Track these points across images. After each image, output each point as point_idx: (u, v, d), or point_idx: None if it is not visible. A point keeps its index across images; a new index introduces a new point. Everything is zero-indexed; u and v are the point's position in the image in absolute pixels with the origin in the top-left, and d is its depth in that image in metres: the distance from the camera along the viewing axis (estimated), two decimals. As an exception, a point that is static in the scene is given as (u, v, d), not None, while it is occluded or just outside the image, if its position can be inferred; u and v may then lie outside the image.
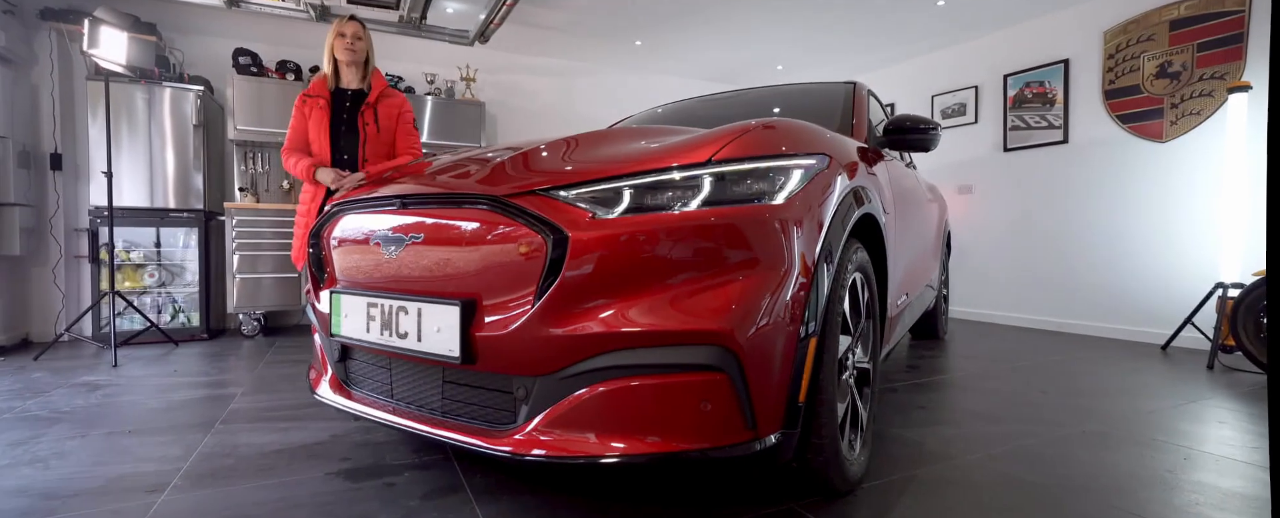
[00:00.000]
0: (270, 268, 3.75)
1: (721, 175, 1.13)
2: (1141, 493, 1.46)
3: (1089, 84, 4.09)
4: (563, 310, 1.07)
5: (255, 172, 4.11)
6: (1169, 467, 1.63)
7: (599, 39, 4.61)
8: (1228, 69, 3.47)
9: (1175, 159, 3.67)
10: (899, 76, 5.39)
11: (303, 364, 2.93)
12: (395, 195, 1.33)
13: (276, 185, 4.17)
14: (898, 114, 2.00)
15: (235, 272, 3.67)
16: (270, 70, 4.04)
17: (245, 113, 3.83)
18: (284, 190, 4.19)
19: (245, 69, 3.90)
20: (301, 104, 2.33)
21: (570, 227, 1.07)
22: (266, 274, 3.74)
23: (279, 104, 3.90)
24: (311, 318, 1.69)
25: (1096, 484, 1.51)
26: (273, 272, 3.75)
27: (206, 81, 3.85)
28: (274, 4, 3.35)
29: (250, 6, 3.38)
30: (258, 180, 4.13)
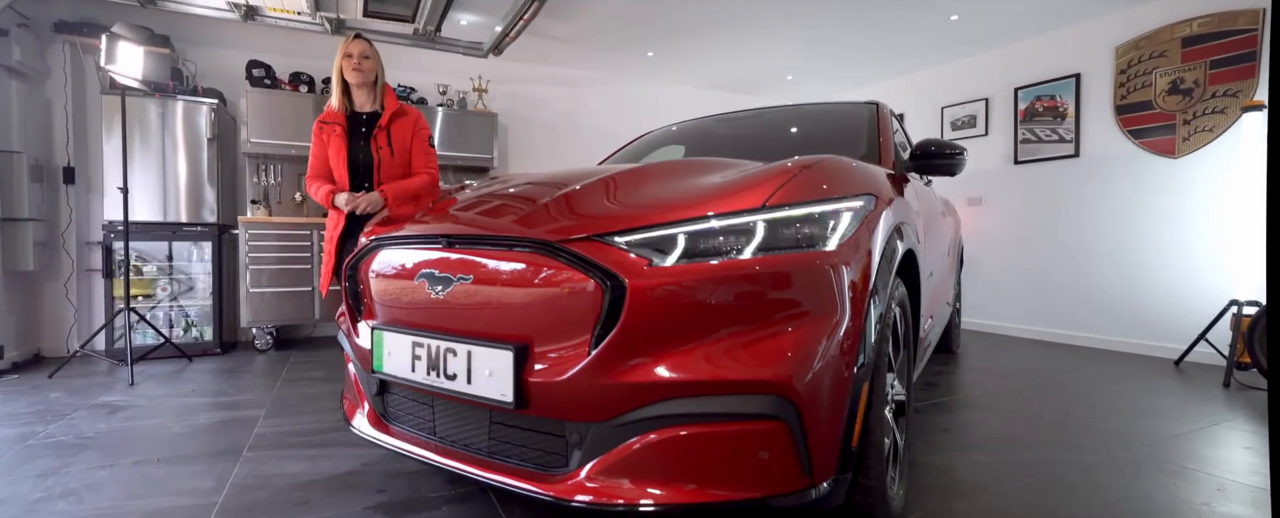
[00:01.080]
0: (283, 282, 3.74)
1: (775, 221, 1.13)
2: (1181, 529, 1.46)
3: (1100, 99, 4.11)
4: (621, 358, 1.07)
5: (268, 184, 4.10)
6: (1204, 499, 1.64)
7: (612, 50, 4.62)
8: (1241, 87, 3.49)
9: (1187, 175, 3.69)
10: (909, 87, 5.41)
11: (321, 383, 2.92)
12: (441, 234, 1.33)
13: (289, 198, 4.16)
14: (924, 139, 2.00)
15: (248, 286, 3.66)
16: (284, 82, 4.03)
17: (258, 125, 3.82)
18: (297, 203, 4.17)
19: (259, 81, 3.89)
20: (319, 131, 2.32)
21: (628, 274, 1.07)
22: (279, 288, 3.72)
23: (292, 116, 3.89)
24: (346, 347, 1.68)
25: (1135, 519, 1.51)
26: (285, 285, 3.74)
27: (220, 94, 3.84)
28: (289, 16, 3.34)
29: (265, 19, 3.37)
30: (270, 193, 4.12)
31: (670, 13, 3.88)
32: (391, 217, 1.71)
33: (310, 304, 3.81)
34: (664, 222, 1.13)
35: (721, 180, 1.29)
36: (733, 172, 1.38)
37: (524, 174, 1.90)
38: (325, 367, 3.32)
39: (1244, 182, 3.46)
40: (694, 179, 1.35)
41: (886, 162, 2.01)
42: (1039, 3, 3.81)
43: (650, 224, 1.13)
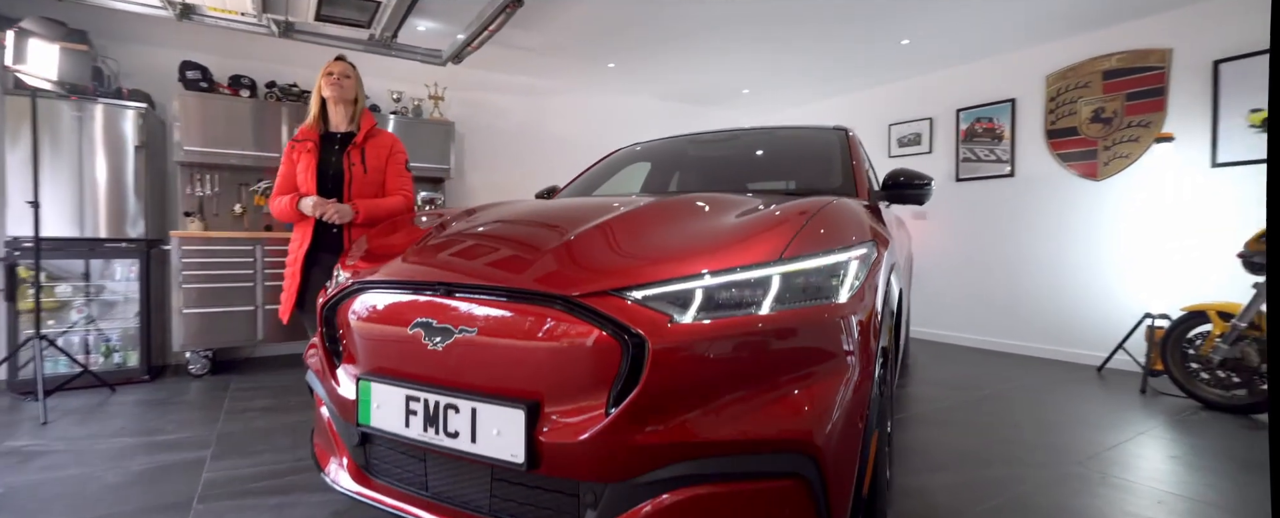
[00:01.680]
0: (221, 301, 3.46)
1: (790, 274, 1.14)
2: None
3: (1033, 123, 4.42)
4: (642, 418, 1.05)
5: (203, 195, 3.78)
6: (1150, 513, 1.79)
7: (573, 60, 4.56)
8: (1151, 118, 3.84)
9: (1107, 196, 4.03)
10: (859, 104, 5.63)
11: (272, 415, 2.73)
12: (441, 282, 1.26)
13: (227, 210, 3.86)
14: (895, 169, 2.08)
15: (181, 306, 3.36)
16: (222, 85, 3.73)
17: (193, 131, 3.52)
18: (236, 216, 3.88)
19: (194, 84, 3.58)
20: (290, 150, 2.20)
21: (650, 332, 1.05)
22: (217, 308, 3.45)
23: (232, 123, 3.62)
24: (320, 392, 1.57)
25: (1096, 538, 1.63)
26: (224, 305, 3.47)
27: (148, 97, 3.51)
28: (232, 17, 3.09)
29: (203, 19, 3.11)
30: (206, 205, 3.81)
31: (634, 26, 3.88)
32: (372, 251, 1.61)
33: (252, 324, 3.55)
34: (682, 275, 1.12)
35: (731, 226, 1.29)
36: (735, 214, 1.39)
37: (510, 206, 1.83)
38: (273, 393, 3.10)
39: (1154, 204, 3.82)
40: (700, 223, 1.34)
41: (862, 192, 2.07)
42: (980, 31, 4.05)
43: (669, 278, 1.11)
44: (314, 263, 2.12)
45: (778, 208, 1.38)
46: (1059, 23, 3.91)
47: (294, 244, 2.16)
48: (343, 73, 2.15)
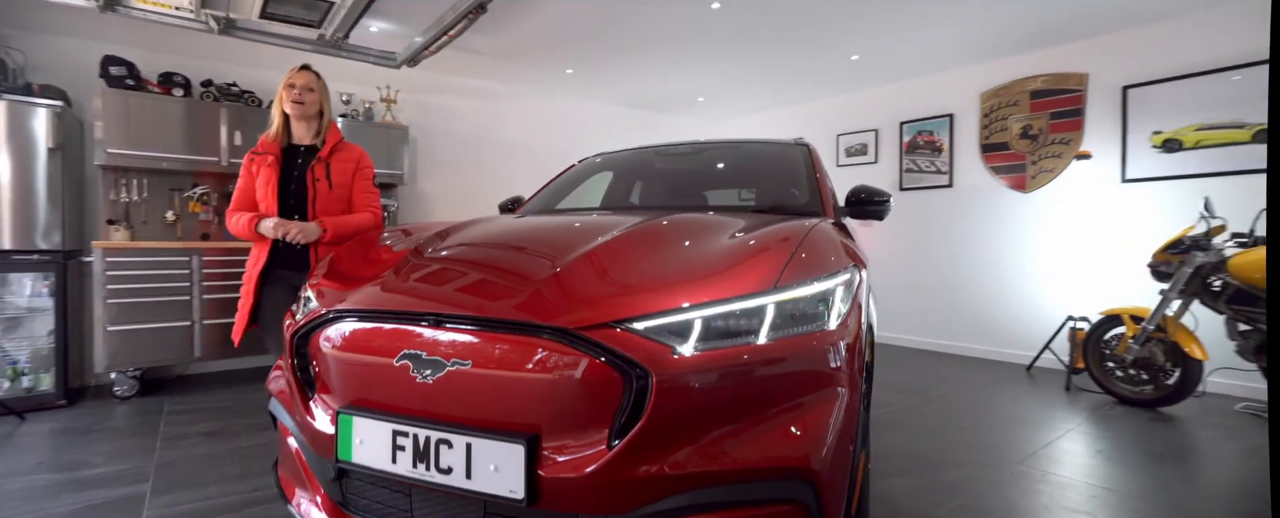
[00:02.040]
0: (152, 316, 3.20)
1: (785, 302, 1.17)
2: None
3: (969, 137, 4.72)
4: (645, 450, 1.06)
5: (129, 201, 3.48)
6: (1088, 508, 1.95)
7: (531, 65, 4.49)
8: (1071, 137, 4.18)
9: (1035, 207, 4.35)
10: (809, 114, 5.83)
11: (216, 440, 2.55)
12: (431, 313, 1.22)
13: (156, 217, 3.57)
14: (856, 186, 2.17)
15: (107, 322, 3.09)
16: (150, 83, 3.44)
17: (117, 132, 3.23)
18: (167, 223, 3.59)
19: (118, 81, 3.28)
20: (249, 163, 2.06)
21: (654, 365, 1.06)
22: (147, 324, 3.18)
23: (163, 123, 3.35)
24: (287, 422, 1.49)
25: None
26: (155, 321, 3.21)
27: (63, 94, 3.20)
28: (165, 11, 2.86)
29: (131, 11, 2.86)
30: (133, 212, 3.50)
31: (593, 33, 3.87)
32: (344, 274, 1.54)
33: (188, 340, 3.30)
34: (681, 306, 1.13)
35: (722, 254, 1.31)
36: (722, 239, 1.41)
37: (486, 226, 1.79)
38: (214, 415, 2.90)
39: (1074, 215, 4.16)
40: (690, 250, 1.36)
41: (828, 209, 2.15)
42: (923, 49, 4.28)
43: (668, 309, 1.12)
44: (272, 280, 2.00)
45: (762, 233, 1.42)
46: (993, 44, 4.19)
47: (250, 261, 2.03)
48: (305, 86, 2.03)
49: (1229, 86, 3.54)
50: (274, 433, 2.56)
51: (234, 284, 3.40)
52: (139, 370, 3.23)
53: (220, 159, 3.48)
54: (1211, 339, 3.09)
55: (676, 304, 1.13)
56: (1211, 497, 2.08)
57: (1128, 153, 3.92)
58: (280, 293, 2.01)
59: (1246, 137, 3.51)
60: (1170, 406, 3.16)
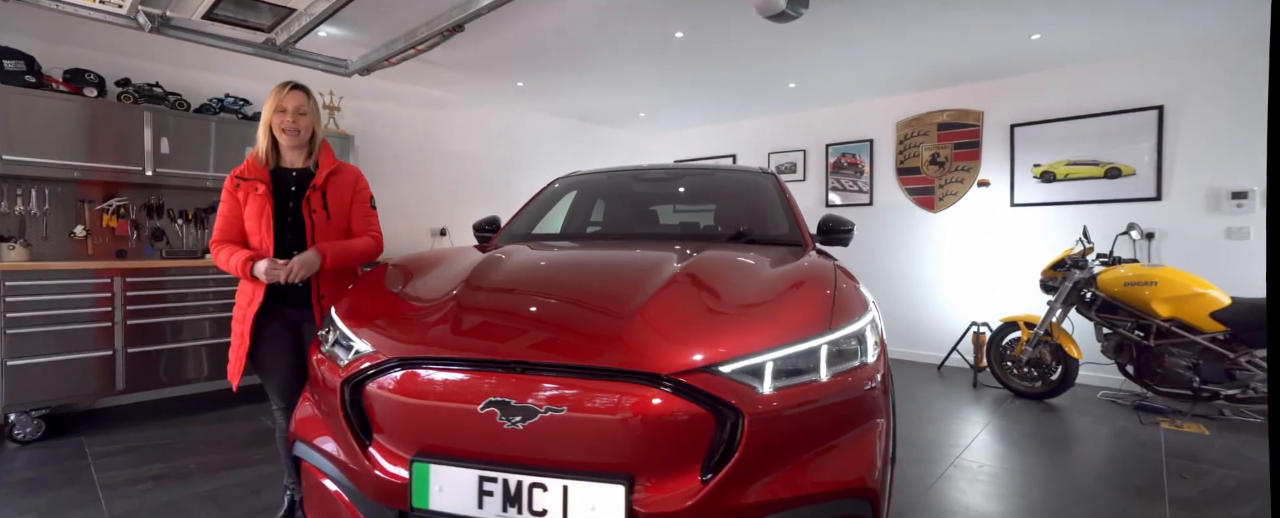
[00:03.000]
0: (62, 347, 2.81)
1: (837, 341, 1.35)
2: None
3: (887, 161, 5.27)
4: (736, 482, 1.19)
5: (27, 215, 3.02)
6: (1021, 492, 2.34)
7: (481, 75, 4.42)
8: (971, 165, 4.82)
9: (942, 226, 4.96)
10: (745, 131, 6.18)
11: (170, 485, 2.32)
12: (516, 361, 1.27)
13: (60, 233, 3.12)
14: (825, 215, 2.42)
15: (5, 356, 2.67)
16: (54, 80, 3.00)
17: (13, 136, 2.80)
18: (76, 240, 3.15)
19: (15, 77, 2.84)
20: (233, 188, 1.89)
21: (743, 404, 1.19)
22: (56, 356, 2.79)
23: (70, 127, 2.94)
24: (322, 465, 1.46)
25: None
26: (65, 352, 2.82)
27: (-58, 91, 2.72)
28: (89, 6, 2.53)
29: (39, 3, 2.50)
30: (31, 227, 3.04)
31: (555, 51, 3.90)
32: (386, 315, 1.52)
33: (106, 371, 2.93)
34: (759, 349, 1.27)
35: (777, 296, 1.45)
36: (763, 279, 1.56)
37: (528, 260, 1.82)
38: (154, 454, 2.62)
39: (975, 233, 4.79)
40: (745, 291, 1.49)
41: (807, 239, 2.35)
42: (850, 79, 4.71)
43: (749, 353, 1.26)
44: (268, 316, 1.88)
45: (795, 276, 1.59)
46: (909, 80, 4.72)
47: (244, 298, 1.89)
48: (298, 109, 1.89)
49: (1089, 130, 4.27)
50: (240, 472, 2.39)
51: (166, 308, 3.08)
52: (46, 409, 2.82)
53: (144, 168, 3.12)
54: (1081, 341, 3.74)
55: (754, 348, 1.27)
56: (1103, 474, 2.56)
57: (1015, 181, 4.59)
58: (277, 330, 1.90)
59: (1100, 173, 4.26)
60: (1055, 397, 3.77)
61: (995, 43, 3.80)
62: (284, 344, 1.90)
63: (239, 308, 1.88)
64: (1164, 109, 4.02)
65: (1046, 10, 3.26)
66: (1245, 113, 3.77)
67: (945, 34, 3.63)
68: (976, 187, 4.73)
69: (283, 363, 1.89)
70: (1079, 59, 4.16)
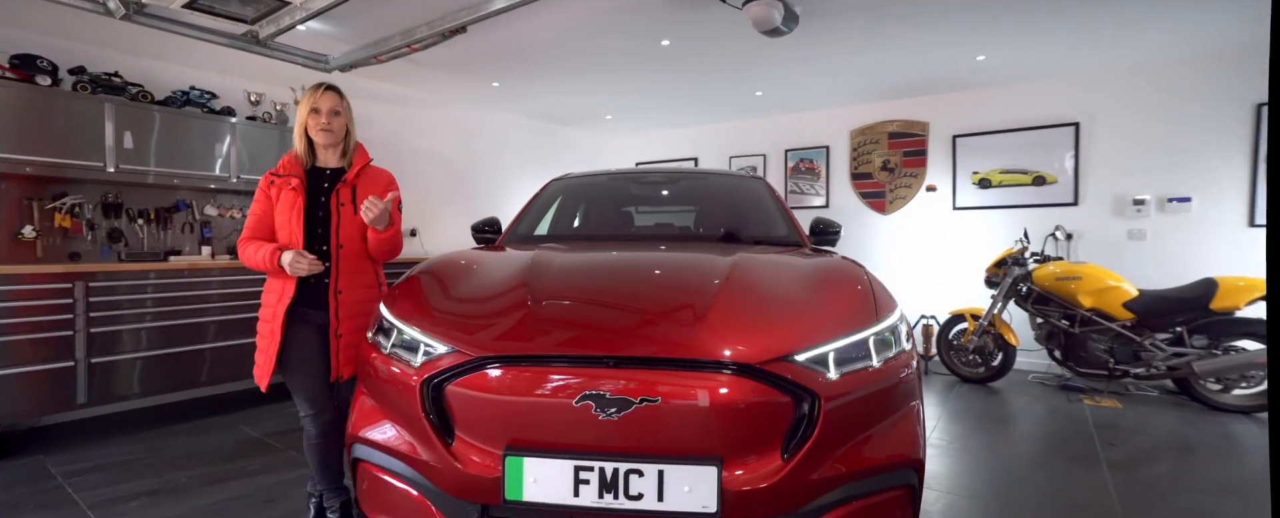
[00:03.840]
0: (12, 359, 2.56)
1: (882, 332, 1.53)
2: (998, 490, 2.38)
3: (841, 166, 5.64)
4: (812, 459, 1.33)
5: (-33, 214, 2.71)
6: (988, 464, 2.64)
7: (460, 75, 4.36)
8: (919, 171, 5.26)
9: (893, 227, 5.37)
10: (707, 135, 6.40)
11: (167, 500, 2.19)
12: (610, 355, 1.35)
13: (5, 234, 2.82)
14: (815, 218, 2.62)
15: (-51, 371, 2.41)
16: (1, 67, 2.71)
17: (-48, 128, 2.52)
18: (24, 241, 2.85)
19: (-45, 63, 2.55)
20: (267, 186, 1.87)
21: (819, 389, 1.34)
22: (8, 369, 2.54)
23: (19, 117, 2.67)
24: (395, 466, 1.48)
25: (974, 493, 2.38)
26: (18, 364, 2.57)
27: None
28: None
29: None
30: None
31: (540, 54, 3.93)
32: (456, 315, 1.55)
33: (65, 384, 2.68)
34: (824, 340, 1.41)
35: (831, 293, 1.60)
36: (812, 278, 1.71)
37: (583, 260, 1.90)
38: (139, 471, 2.45)
39: (923, 234, 5.22)
40: (797, 287, 1.63)
41: (805, 240, 2.57)
42: (811, 89, 5.02)
43: (817, 344, 1.40)
44: (295, 319, 1.84)
45: (834, 273, 1.75)
46: (864, 91, 5.08)
47: (272, 296, 1.84)
48: (331, 109, 1.88)
49: (1020, 142, 4.78)
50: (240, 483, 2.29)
51: (138, 313, 2.86)
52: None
53: (106, 164, 2.89)
54: (1016, 331, 4.20)
55: (820, 340, 1.42)
56: (1049, 446, 2.92)
57: (957, 186, 5.06)
58: (306, 334, 1.86)
59: (1028, 180, 4.78)
60: (996, 381, 4.21)
61: (945, 61, 4.19)
62: (313, 350, 1.87)
63: (267, 306, 1.84)
64: (1079, 125, 4.57)
65: (992, 35, 3.65)
66: (1144, 131, 4.36)
67: (903, 52, 3.97)
68: (925, 191, 5.16)
69: (313, 368, 1.86)
70: (1013, 79, 4.65)
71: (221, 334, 3.12)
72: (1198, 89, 4.19)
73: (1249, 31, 3.62)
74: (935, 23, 3.41)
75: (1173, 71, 4.25)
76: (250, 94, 3.59)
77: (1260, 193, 4.04)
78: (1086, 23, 3.44)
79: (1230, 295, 3.52)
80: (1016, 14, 3.28)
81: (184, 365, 3.04)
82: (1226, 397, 3.58)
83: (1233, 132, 4.11)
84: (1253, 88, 4.03)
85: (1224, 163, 4.14)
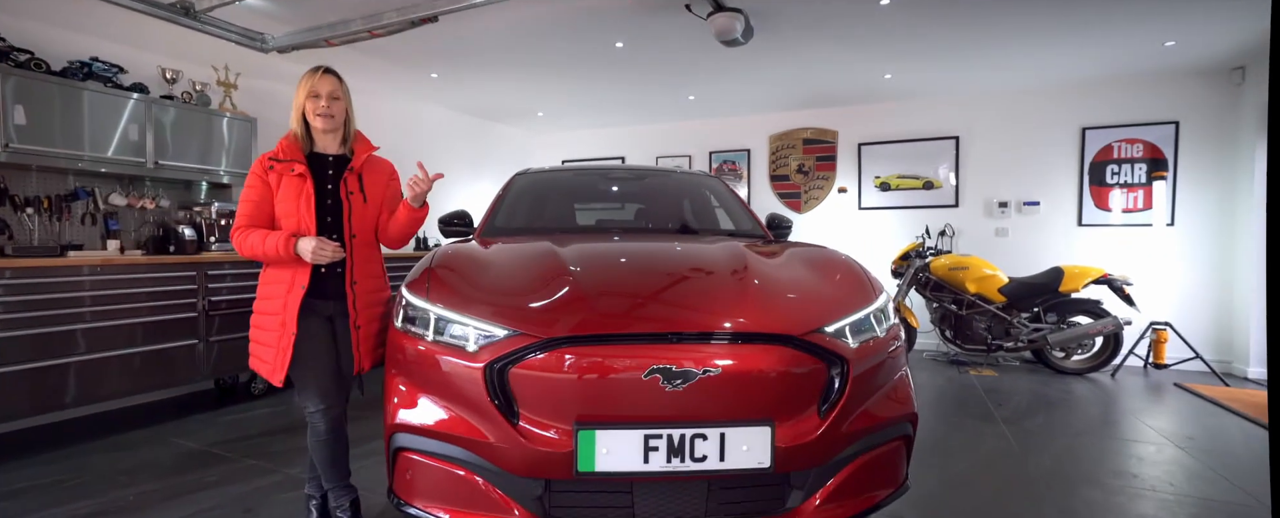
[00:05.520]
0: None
1: (881, 309, 1.79)
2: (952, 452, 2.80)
3: (761, 169, 6.09)
4: (843, 417, 1.56)
5: None
6: (920, 426, 3.08)
7: (400, 65, 4.16)
8: (830, 175, 5.84)
9: (808, 225, 5.91)
10: (635, 135, 6.59)
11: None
12: (675, 332, 1.48)
13: None
14: (770, 214, 2.92)
15: None
16: None
17: None
18: None
19: None
20: (264, 173, 1.75)
21: (847, 355, 1.56)
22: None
23: None
24: (448, 452, 1.51)
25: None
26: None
27: None
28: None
29: None
30: None
31: (490, 48, 3.88)
32: (516, 302, 1.59)
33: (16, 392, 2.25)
34: (843, 315, 1.64)
35: (838, 276, 1.84)
36: (816, 264, 1.94)
37: (620, 250, 2.00)
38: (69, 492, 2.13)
39: (834, 232, 5.80)
40: (808, 271, 1.86)
41: (767, 233, 2.86)
42: (737, 96, 5.40)
43: (839, 317, 1.63)
44: (306, 312, 1.75)
45: (830, 260, 2.00)
46: (782, 101, 5.55)
47: (282, 287, 1.73)
48: (331, 93, 1.81)
49: (913, 151, 5.49)
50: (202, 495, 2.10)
51: (27, 318, 2.47)
52: None
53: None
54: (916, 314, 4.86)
55: (840, 315, 1.65)
56: (956, 408, 3.46)
57: (862, 189, 5.69)
58: (317, 326, 1.78)
59: (920, 184, 5.51)
60: (901, 359, 4.82)
61: (858, 77, 4.72)
62: (324, 343, 1.79)
63: (274, 298, 1.74)
64: (960, 139, 5.36)
65: (901, 56, 4.20)
66: (1005, 146, 5.22)
67: (825, 66, 4.43)
68: (837, 192, 5.75)
69: (324, 362, 1.79)
70: (912, 95, 5.33)
71: (131, 340, 2.77)
72: (1042, 113, 5.10)
73: (1076, 68, 4.48)
74: (860, 42, 3.86)
75: (1026, 98, 5.12)
76: (165, 71, 3.17)
77: (1087, 199, 5.01)
78: (968, 52, 4.08)
79: (1073, 280, 4.35)
80: (921, 40, 3.82)
81: (89, 377, 2.66)
82: (1068, 363, 4.42)
83: (1066, 149, 5.06)
84: (1078, 114, 4.99)
85: (1061, 174, 5.08)
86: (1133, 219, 4.87)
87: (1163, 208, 4.71)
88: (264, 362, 1.75)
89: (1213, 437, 2.91)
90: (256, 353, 1.78)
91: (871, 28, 3.57)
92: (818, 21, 3.43)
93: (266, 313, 1.76)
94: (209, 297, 3.03)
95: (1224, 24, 3.52)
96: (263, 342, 1.76)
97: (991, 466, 2.55)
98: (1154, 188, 4.74)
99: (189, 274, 2.97)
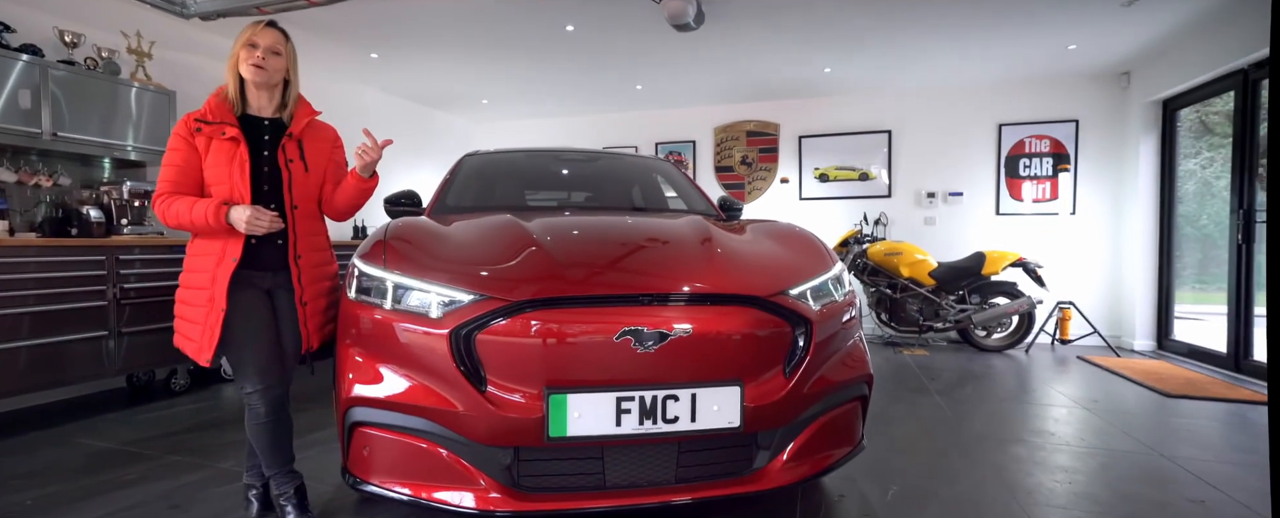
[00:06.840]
0: None
1: (837, 275, 1.86)
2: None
3: (706, 160, 6.20)
4: (807, 376, 1.61)
5: None
6: (864, 399, 3.23)
7: (338, 42, 3.93)
8: (772, 166, 6.02)
9: (752, 215, 6.05)
10: (582, 125, 6.54)
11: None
12: (646, 293, 1.47)
13: None
14: (720, 197, 2.99)
15: None
16: None
17: None
18: None
19: None
20: (190, 134, 1.59)
21: (810, 316, 1.61)
22: None
23: None
24: (408, 423, 1.45)
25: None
26: None
27: None
28: None
29: None
30: None
31: (431, 26, 3.74)
32: (481, 268, 1.54)
33: None
34: (806, 279, 1.70)
35: (798, 247, 1.89)
36: (777, 235, 1.99)
37: (580, 223, 1.97)
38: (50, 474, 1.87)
39: (779, 222, 5.94)
40: (769, 241, 1.90)
41: (719, 213, 2.90)
42: (683, 86, 5.46)
43: (802, 281, 1.68)
44: (239, 283, 1.61)
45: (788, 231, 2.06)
46: (726, 92, 5.67)
47: (211, 260, 1.59)
48: (270, 47, 1.66)
49: (850, 144, 5.75)
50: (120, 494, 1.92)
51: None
52: None
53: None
54: (860, 298, 5.09)
55: (801, 279, 1.70)
56: (897, 383, 3.66)
57: (803, 180, 5.90)
58: (251, 300, 1.65)
59: (856, 176, 5.77)
60: (841, 342, 5.03)
61: (799, 70, 4.88)
62: (260, 317, 1.66)
63: (203, 270, 1.60)
64: (892, 133, 5.65)
65: (840, 50, 4.38)
66: (932, 140, 5.55)
67: (768, 58, 4.55)
68: (779, 183, 5.93)
69: (263, 338, 1.66)
70: (849, 89, 5.57)
71: (17, 332, 2.47)
72: (965, 110, 5.47)
73: (993, 69, 4.83)
74: (805, 35, 4.00)
75: (950, 95, 5.48)
76: (63, 33, 2.84)
77: (1004, 190, 5.41)
78: (902, 49, 4.32)
79: (993, 263, 4.68)
80: (860, 34, 4.00)
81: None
82: (989, 341, 4.76)
83: (985, 144, 5.45)
84: (996, 111, 5.39)
85: (981, 167, 5.46)
86: (1042, 209, 5.30)
87: (1067, 198, 5.16)
88: (190, 339, 1.60)
89: (1112, 399, 3.23)
90: (181, 330, 1.63)
91: (812, 18, 3.70)
92: (765, 9, 3.52)
93: (193, 287, 1.61)
94: (120, 284, 2.75)
95: (1115, 31, 3.90)
96: (189, 318, 1.61)
97: (931, 431, 2.71)
98: (1059, 180, 5.19)
99: (96, 259, 2.68)
